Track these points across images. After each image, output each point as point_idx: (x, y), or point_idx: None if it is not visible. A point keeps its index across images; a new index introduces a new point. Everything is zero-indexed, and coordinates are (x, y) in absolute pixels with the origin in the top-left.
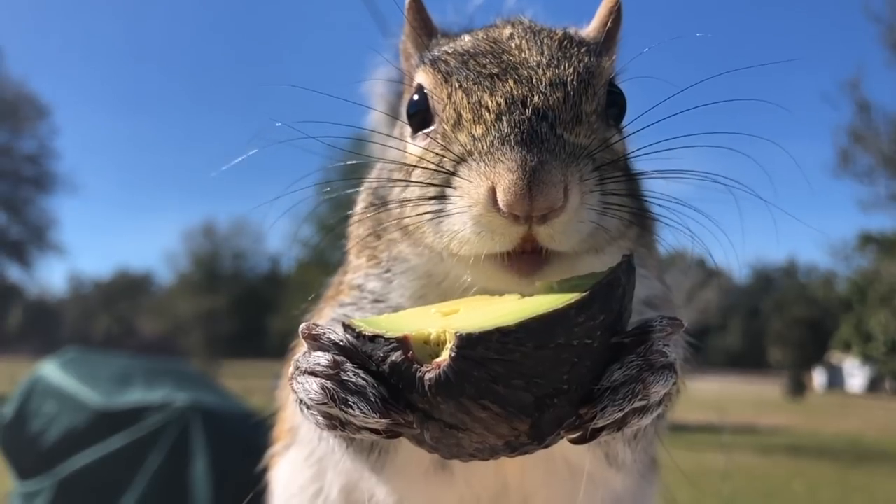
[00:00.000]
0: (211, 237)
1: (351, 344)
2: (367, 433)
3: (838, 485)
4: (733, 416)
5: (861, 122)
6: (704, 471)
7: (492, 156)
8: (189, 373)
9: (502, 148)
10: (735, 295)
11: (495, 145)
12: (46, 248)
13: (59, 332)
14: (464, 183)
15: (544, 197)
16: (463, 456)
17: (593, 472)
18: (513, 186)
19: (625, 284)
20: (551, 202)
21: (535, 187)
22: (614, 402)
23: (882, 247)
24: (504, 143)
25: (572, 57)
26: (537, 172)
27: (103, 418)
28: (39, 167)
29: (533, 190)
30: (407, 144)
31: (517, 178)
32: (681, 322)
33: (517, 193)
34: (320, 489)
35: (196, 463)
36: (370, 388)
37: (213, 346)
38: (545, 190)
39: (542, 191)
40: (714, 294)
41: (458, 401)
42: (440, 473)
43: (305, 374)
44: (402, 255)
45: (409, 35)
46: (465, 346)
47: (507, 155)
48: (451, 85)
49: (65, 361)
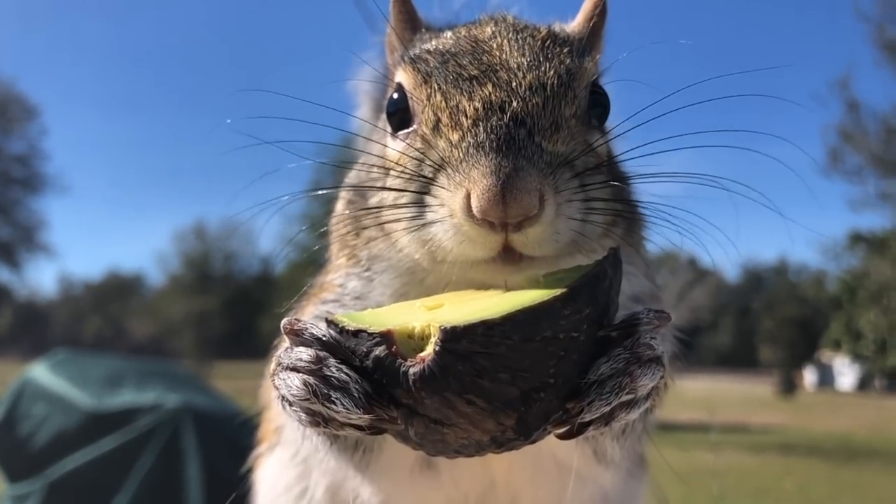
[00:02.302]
0: (202, 238)
1: (334, 339)
2: (351, 430)
3: (829, 483)
4: (724, 414)
5: (850, 121)
6: (695, 469)
7: (467, 162)
8: (180, 374)
9: (477, 154)
10: (726, 294)
11: (470, 152)
12: (36, 249)
13: (49, 334)
14: (442, 192)
15: (518, 203)
16: (448, 452)
17: (581, 468)
18: (486, 192)
19: (611, 277)
20: (525, 209)
21: (509, 193)
22: (601, 396)
23: (871, 246)
24: (479, 150)
25: (554, 58)
26: (511, 179)
27: (94, 420)
28: (29, 168)
29: (507, 196)
30: (387, 144)
31: (491, 183)
32: (668, 315)
33: (490, 200)
34: (305, 489)
35: (188, 464)
36: (353, 384)
37: (205, 347)
38: (519, 196)
39: (515, 197)
40: (705, 293)
41: (443, 395)
42: (426, 472)
43: (287, 371)
44: (382, 255)
45: (394, 28)
46: (449, 339)
47: (482, 161)
48: (430, 86)
49: (55, 363)
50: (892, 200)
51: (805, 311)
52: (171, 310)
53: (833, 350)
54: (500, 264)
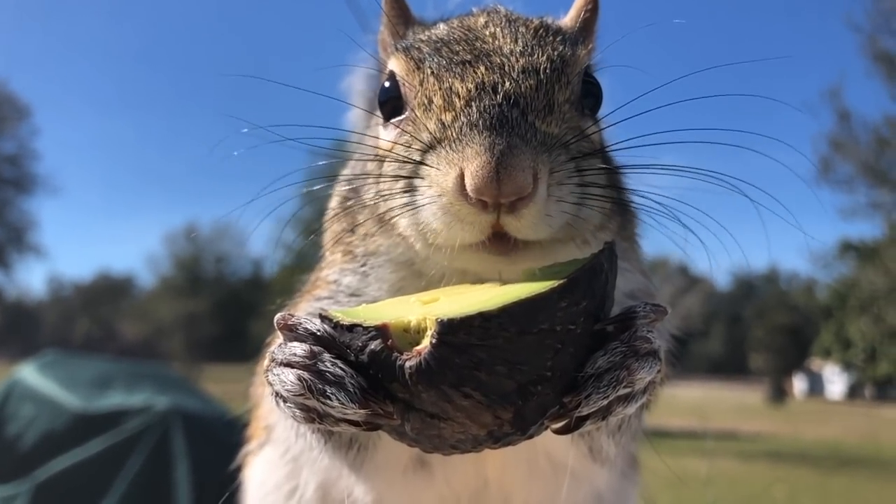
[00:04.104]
0: (193, 240)
1: (328, 334)
2: (347, 425)
3: (818, 491)
4: (715, 422)
5: (841, 130)
6: (686, 476)
7: (460, 142)
8: (170, 376)
9: (471, 133)
10: (717, 302)
11: (464, 131)
12: (26, 249)
13: (38, 335)
14: (432, 172)
15: (512, 181)
16: (445, 448)
17: (576, 467)
18: (480, 171)
19: (607, 270)
20: (519, 187)
21: (503, 171)
22: (598, 390)
23: (862, 254)
24: (473, 129)
25: (547, 45)
26: (505, 156)
27: (82, 422)
28: (19, 168)
29: (501, 174)
30: (379, 133)
31: (485, 161)
32: (664, 309)
33: (485, 177)
34: (295, 487)
35: (176, 467)
36: (349, 378)
37: (195, 349)
38: (513, 174)
39: (510, 175)
40: (696, 301)
41: (440, 388)
42: (419, 472)
43: (281, 366)
44: (378, 250)
45: (386, 25)
46: (446, 331)
47: (476, 140)
48: (422, 72)
49: (43, 364)
50: (882, 210)
51: (795, 319)
52: (161, 312)
53: (823, 358)
54: (491, 251)
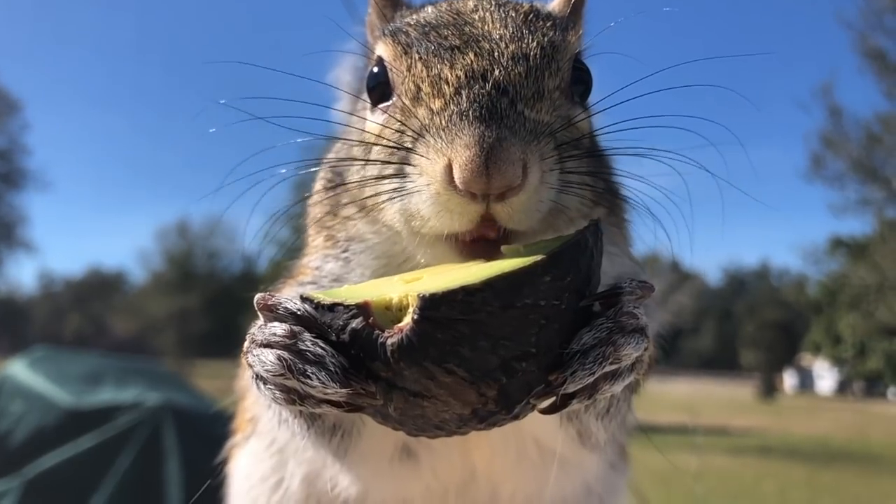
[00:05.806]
0: (185, 236)
1: (309, 314)
2: (328, 406)
3: (808, 486)
4: (705, 417)
5: (833, 127)
6: (676, 471)
7: (449, 131)
8: (161, 372)
9: (460, 123)
10: (708, 297)
11: (453, 120)
12: (16, 245)
13: (29, 331)
14: (422, 160)
15: (501, 175)
16: (429, 429)
17: (565, 453)
18: (469, 164)
19: (592, 247)
20: (509, 180)
21: (493, 165)
22: (584, 366)
23: (852, 251)
24: (462, 119)
25: (537, 31)
26: (495, 150)
27: (73, 418)
28: (9, 163)
29: (490, 168)
30: (366, 119)
31: (474, 154)
32: (651, 286)
33: (473, 171)
34: (281, 479)
35: (168, 463)
36: (329, 358)
37: (186, 345)
38: (503, 168)
39: (499, 168)
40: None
41: (422, 365)
42: (406, 461)
43: (261, 347)
44: (360, 235)
45: (374, 7)
46: (428, 306)
47: (465, 131)
48: (410, 57)
49: (33, 360)
50: (872, 206)
51: (786, 315)
52: (152, 308)
53: (813, 354)
54: (471, 247)
